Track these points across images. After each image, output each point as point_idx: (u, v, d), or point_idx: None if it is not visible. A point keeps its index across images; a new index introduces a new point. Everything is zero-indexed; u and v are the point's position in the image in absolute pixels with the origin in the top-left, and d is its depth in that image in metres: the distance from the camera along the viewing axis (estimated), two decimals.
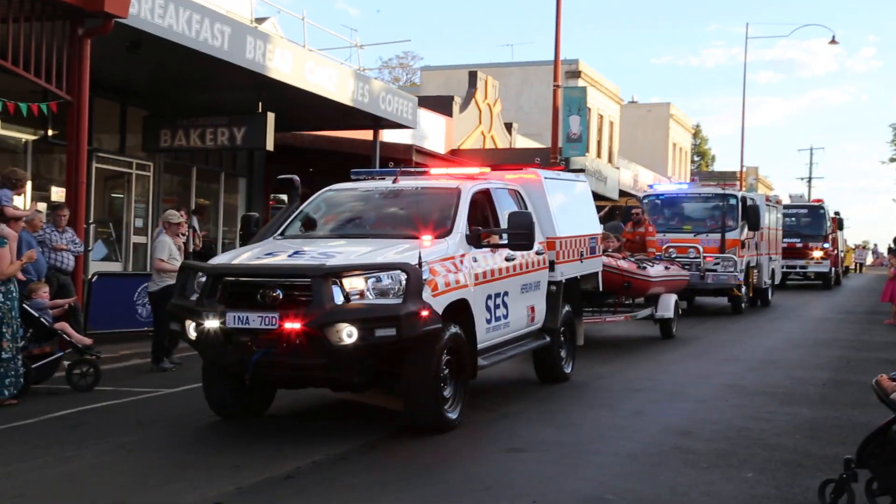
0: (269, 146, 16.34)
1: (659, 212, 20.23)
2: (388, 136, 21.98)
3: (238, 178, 20.22)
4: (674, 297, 14.83)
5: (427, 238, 7.65)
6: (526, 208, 9.37)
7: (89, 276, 13.42)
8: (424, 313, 6.84)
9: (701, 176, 50.97)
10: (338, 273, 6.84)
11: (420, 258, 7.00)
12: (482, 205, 8.72)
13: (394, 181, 8.90)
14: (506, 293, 8.45)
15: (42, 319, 9.44)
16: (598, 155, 38.47)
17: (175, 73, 15.17)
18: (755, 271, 21.15)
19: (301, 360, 6.86)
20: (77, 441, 7.06)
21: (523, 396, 9.34)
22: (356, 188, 8.98)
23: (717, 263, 18.80)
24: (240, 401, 7.82)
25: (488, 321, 8.07)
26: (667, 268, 15.11)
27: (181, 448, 6.99)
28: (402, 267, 6.91)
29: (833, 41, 38.15)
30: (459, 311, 7.54)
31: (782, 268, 27.06)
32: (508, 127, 31.76)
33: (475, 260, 7.91)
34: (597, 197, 32.71)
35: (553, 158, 25.94)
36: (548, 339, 9.57)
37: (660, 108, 51.95)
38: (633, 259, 14.34)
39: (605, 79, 39.92)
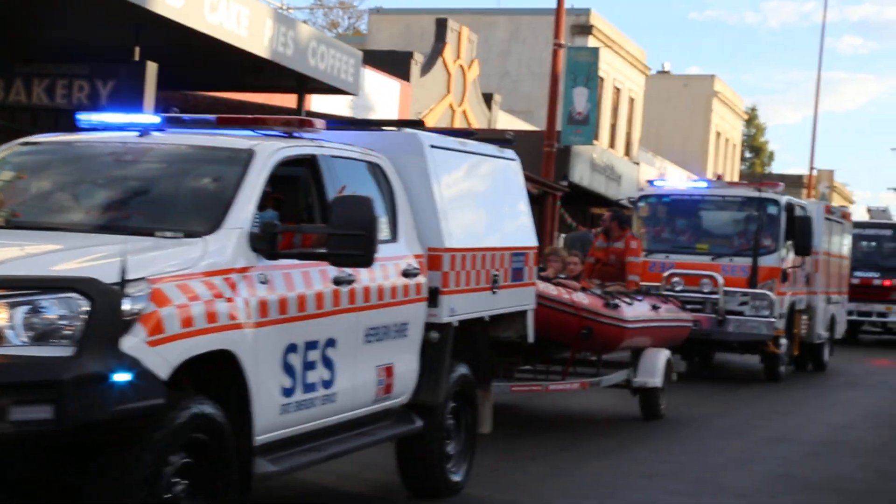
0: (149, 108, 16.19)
1: (662, 221, 19.30)
2: (318, 103, 22.00)
3: None
4: (664, 355, 13.64)
5: (166, 235, 6.29)
6: (391, 195, 8.06)
7: None
8: (123, 378, 5.31)
9: (753, 179, 51.50)
10: None
11: (124, 271, 5.43)
12: (303, 185, 7.38)
13: (141, 134, 7.42)
14: (330, 342, 7.07)
15: None
16: (612, 145, 38.74)
17: None
18: (804, 318, 20.18)
19: None
20: None
21: (492, 469, 9.38)
22: (74, 142, 7.55)
23: (745, 303, 17.69)
24: None
25: (288, 392, 6.63)
26: (655, 307, 13.93)
27: None
28: (79, 286, 5.36)
29: None
30: (219, 373, 6.12)
31: (850, 314, 26.54)
32: (488, 99, 31.81)
33: (264, 281, 6.45)
34: (602, 202, 33.32)
35: (548, 146, 26.13)
36: (419, 422, 8.16)
37: (700, 83, 52.33)
38: (598, 291, 13.10)
39: (625, 38, 40.17)
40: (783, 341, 18.69)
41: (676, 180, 27.24)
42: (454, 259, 8.43)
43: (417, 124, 9.09)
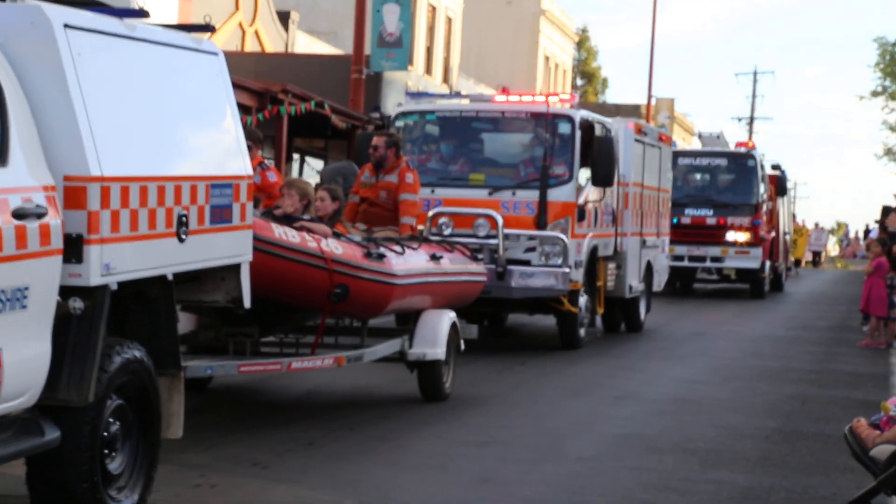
0: None
1: (429, 147, 17.55)
2: None
3: None
4: (448, 318, 12.35)
5: None
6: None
7: None
8: None
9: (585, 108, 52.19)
10: None
11: None
12: None
13: None
14: None
15: None
16: (428, 71, 38.79)
17: None
18: (611, 266, 18.51)
19: None
20: None
21: (308, 443, 9.60)
22: None
23: (532, 249, 15.95)
24: None
25: None
26: (436, 257, 12.51)
27: None
28: None
29: None
30: None
31: (680, 260, 27.10)
32: (284, 18, 31.52)
33: None
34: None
35: (356, 72, 25.97)
36: (54, 432, 6.66)
37: (526, 0, 52.86)
38: (358, 238, 11.79)
39: None
40: (582, 297, 17.04)
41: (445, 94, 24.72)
42: (108, 192, 6.85)
43: None
